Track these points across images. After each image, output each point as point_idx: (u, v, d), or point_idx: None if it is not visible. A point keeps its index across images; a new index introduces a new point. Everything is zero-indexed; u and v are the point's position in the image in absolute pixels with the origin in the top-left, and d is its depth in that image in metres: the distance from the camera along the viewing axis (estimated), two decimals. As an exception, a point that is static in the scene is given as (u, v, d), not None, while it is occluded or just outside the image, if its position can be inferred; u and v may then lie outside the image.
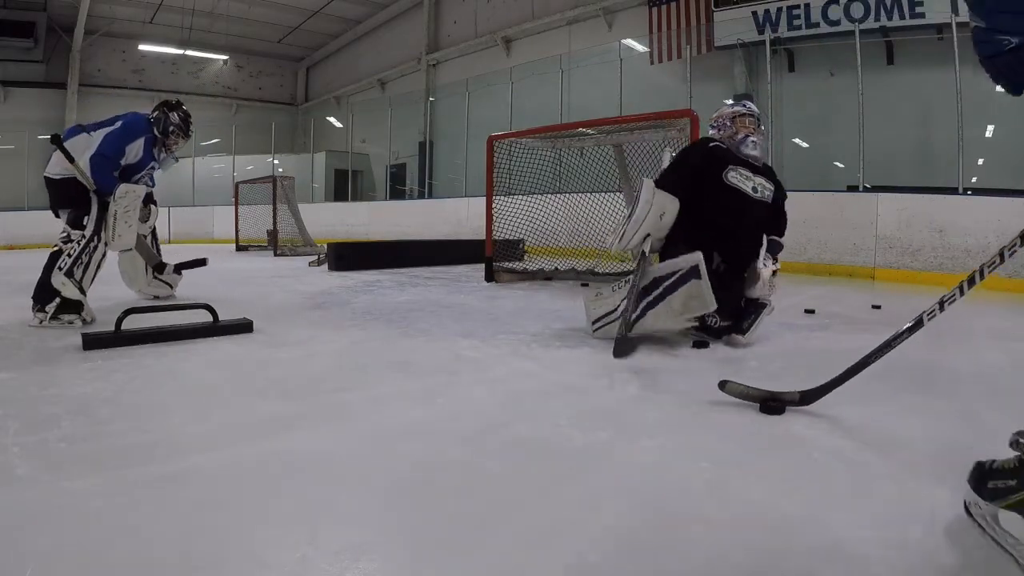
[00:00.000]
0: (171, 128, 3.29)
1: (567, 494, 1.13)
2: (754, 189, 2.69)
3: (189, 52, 15.86)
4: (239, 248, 9.95)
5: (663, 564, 0.90)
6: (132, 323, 2.41)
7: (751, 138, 2.71)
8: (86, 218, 2.94)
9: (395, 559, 0.92)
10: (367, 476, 1.21)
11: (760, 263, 2.59)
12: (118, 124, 3.10)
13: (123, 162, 3.11)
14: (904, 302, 4.03)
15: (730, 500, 1.11)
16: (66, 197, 3.00)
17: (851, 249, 5.83)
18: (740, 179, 2.67)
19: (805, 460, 1.30)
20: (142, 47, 15.38)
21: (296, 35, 16.52)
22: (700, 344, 2.42)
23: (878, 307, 3.61)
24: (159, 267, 3.69)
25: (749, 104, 2.85)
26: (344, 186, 14.05)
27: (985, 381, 2.03)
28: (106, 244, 2.98)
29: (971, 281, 1.42)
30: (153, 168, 3.39)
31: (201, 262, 4.01)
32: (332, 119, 16.17)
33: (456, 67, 13.24)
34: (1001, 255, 1.35)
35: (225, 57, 16.97)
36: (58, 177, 3.05)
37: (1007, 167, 6.66)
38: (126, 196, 2.98)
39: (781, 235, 2.81)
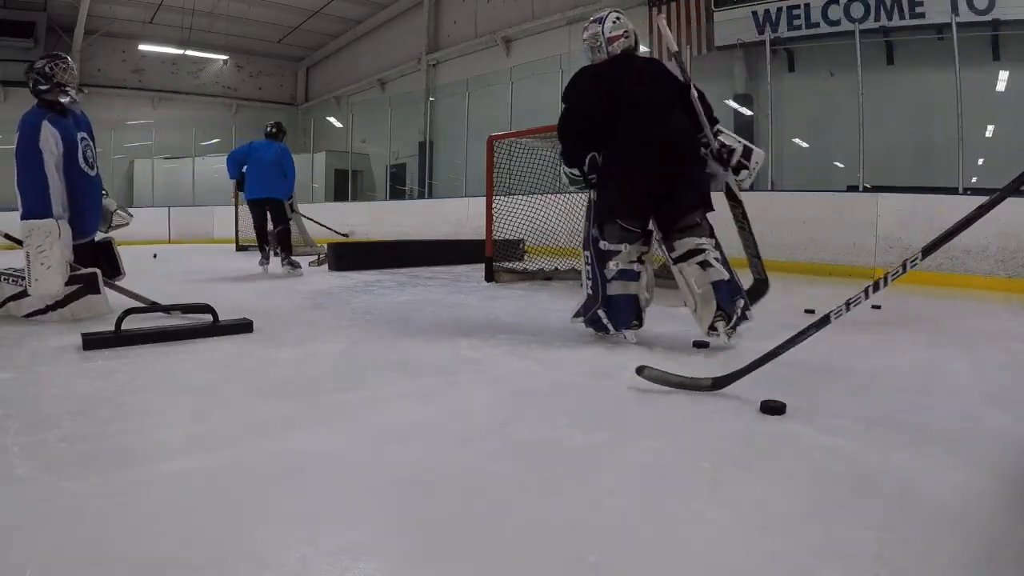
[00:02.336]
0: (47, 68, 2.98)
1: (567, 494, 1.13)
2: None
3: (189, 52, 15.85)
4: (239, 248, 9.94)
5: (663, 564, 0.90)
6: (132, 323, 2.41)
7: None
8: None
9: (395, 559, 0.92)
10: (367, 476, 1.21)
11: None
12: (17, 137, 2.89)
13: (52, 160, 2.86)
14: (904, 302, 4.03)
15: (730, 500, 1.11)
16: None
17: (851, 249, 5.82)
18: None
19: (805, 460, 1.29)
20: (142, 47, 15.37)
21: (296, 35, 16.51)
22: (700, 344, 2.42)
23: (878, 307, 3.61)
24: (155, 307, 3.26)
25: None
26: (344, 186, 14.05)
27: (985, 381, 2.03)
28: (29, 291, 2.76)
29: (875, 287, 1.60)
30: (88, 142, 3.12)
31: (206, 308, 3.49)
32: (332, 119, 16.17)
33: (456, 67, 13.24)
34: (904, 266, 1.57)
35: (225, 57, 16.97)
36: None
37: (1007, 167, 6.63)
38: (31, 236, 2.71)
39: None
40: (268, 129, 5.97)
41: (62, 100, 2.99)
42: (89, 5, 13.27)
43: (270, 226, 5.77)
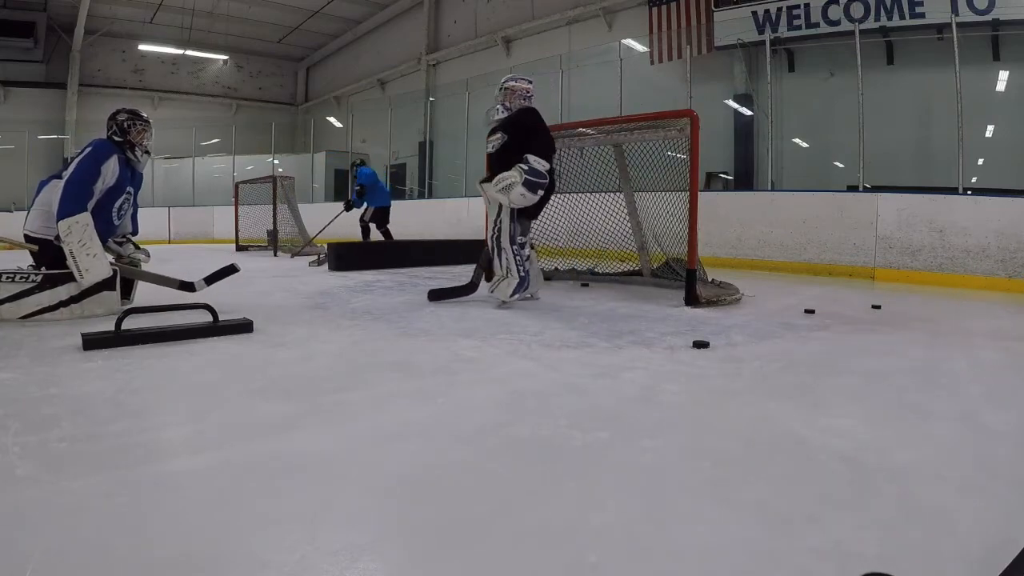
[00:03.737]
0: (125, 124, 3.19)
1: (567, 494, 1.13)
2: (491, 147, 3.62)
3: (189, 52, 15.87)
4: (239, 248, 9.95)
5: (663, 564, 0.90)
6: (132, 323, 2.41)
7: (495, 106, 3.64)
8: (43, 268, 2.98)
9: (395, 559, 0.92)
10: (367, 476, 1.21)
11: (492, 181, 3.40)
12: (88, 149, 3.04)
13: (99, 186, 3.02)
14: (904, 302, 4.03)
15: (730, 500, 1.11)
16: (45, 257, 3.05)
17: (851, 249, 5.83)
18: (488, 146, 3.64)
19: (805, 460, 1.30)
20: (142, 47, 15.39)
21: (296, 35, 16.52)
22: (700, 344, 2.43)
23: (878, 307, 3.62)
24: (185, 286, 3.37)
25: (501, 80, 3.73)
26: (344, 186, 14.06)
27: (985, 381, 2.03)
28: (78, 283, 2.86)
29: None
30: (130, 194, 3.30)
31: (231, 269, 3.53)
32: (332, 119, 16.17)
33: (456, 67, 13.25)
34: None
35: (225, 57, 16.98)
36: (35, 235, 3.10)
37: (1007, 167, 6.67)
38: (71, 232, 2.82)
39: (527, 155, 3.35)
40: (363, 161, 8.96)
41: (129, 156, 3.22)
42: (89, 5, 13.28)
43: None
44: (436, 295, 3.70)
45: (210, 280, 3.45)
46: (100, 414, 1.54)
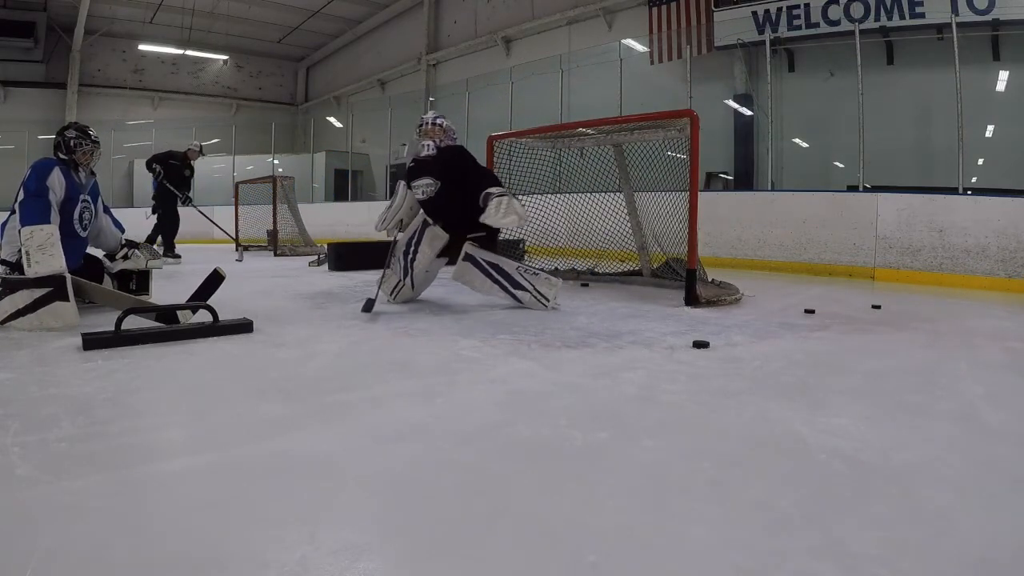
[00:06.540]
0: (72, 143, 3.14)
1: (567, 494, 1.13)
2: (422, 192, 3.49)
3: (189, 52, 15.86)
4: (239, 248, 9.94)
5: (663, 564, 0.90)
6: (132, 323, 2.41)
7: (421, 143, 3.58)
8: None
9: (395, 559, 0.92)
10: (367, 476, 1.21)
11: (486, 216, 3.17)
12: (28, 171, 3.00)
13: (53, 198, 2.97)
14: (904, 302, 4.03)
15: (730, 499, 1.11)
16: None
17: (851, 249, 5.82)
18: (417, 191, 3.52)
19: (805, 460, 1.30)
20: (142, 47, 15.37)
21: (296, 35, 16.51)
22: (700, 344, 2.43)
23: (878, 307, 3.61)
24: (165, 319, 2.86)
25: (425, 117, 3.71)
26: (344, 186, 14.05)
27: (985, 381, 2.03)
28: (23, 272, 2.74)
29: None
30: (87, 202, 3.23)
31: (215, 279, 3.15)
32: (332, 119, 16.17)
33: (456, 67, 13.24)
34: None
35: (225, 57, 16.97)
36: (9, 260, 3.02)
37: (1007, 167, 6.67)
38: (32, 236, 2.77)
39: (488, 187, 3.28)
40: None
41: (72, 174, 3.16)
42: (89, 5, 13.25)
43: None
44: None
45: (197, 302, 2.91)
46: (100, 414, 1.54)
